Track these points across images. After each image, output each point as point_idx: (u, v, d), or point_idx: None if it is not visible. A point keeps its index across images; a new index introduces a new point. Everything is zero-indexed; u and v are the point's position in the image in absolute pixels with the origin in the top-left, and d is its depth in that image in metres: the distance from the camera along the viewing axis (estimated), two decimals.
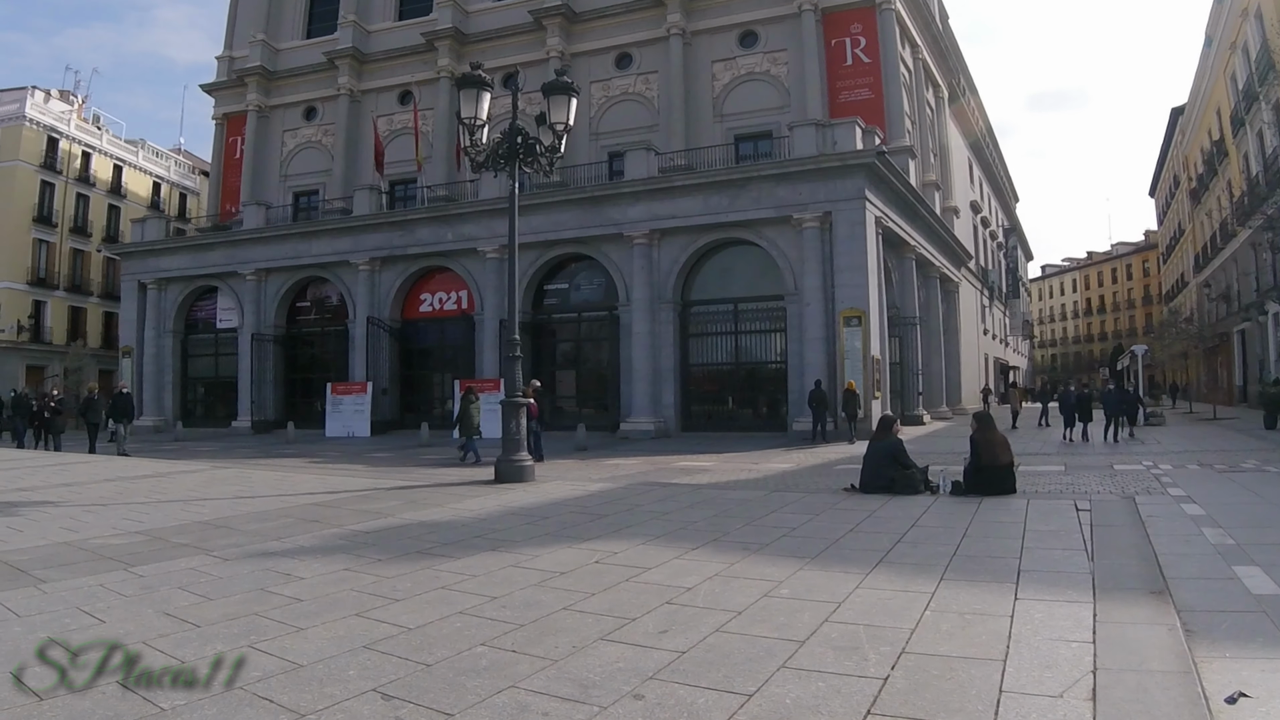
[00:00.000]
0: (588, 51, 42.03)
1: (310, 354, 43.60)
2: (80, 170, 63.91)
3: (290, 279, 42.11)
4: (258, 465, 22.02)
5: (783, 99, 38.54)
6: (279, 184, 48.75)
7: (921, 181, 40.14)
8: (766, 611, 6.17)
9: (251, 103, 49.05)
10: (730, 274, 33.09)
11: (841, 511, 11.11)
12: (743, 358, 33.54)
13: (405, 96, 45.65)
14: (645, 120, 40.59)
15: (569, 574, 7.63)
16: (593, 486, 15.05)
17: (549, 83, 16.57)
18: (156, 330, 44.72)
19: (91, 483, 16.71)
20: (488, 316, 36.07)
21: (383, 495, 13.93)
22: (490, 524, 10.72)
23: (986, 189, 66.34)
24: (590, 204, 34.14)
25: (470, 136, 16.19)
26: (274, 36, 49.80)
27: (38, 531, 10.46)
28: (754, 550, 8.55)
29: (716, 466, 20.48)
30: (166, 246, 45.25)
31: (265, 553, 8.90)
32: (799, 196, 30.49)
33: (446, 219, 37.47)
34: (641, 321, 32.81)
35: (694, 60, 40.08)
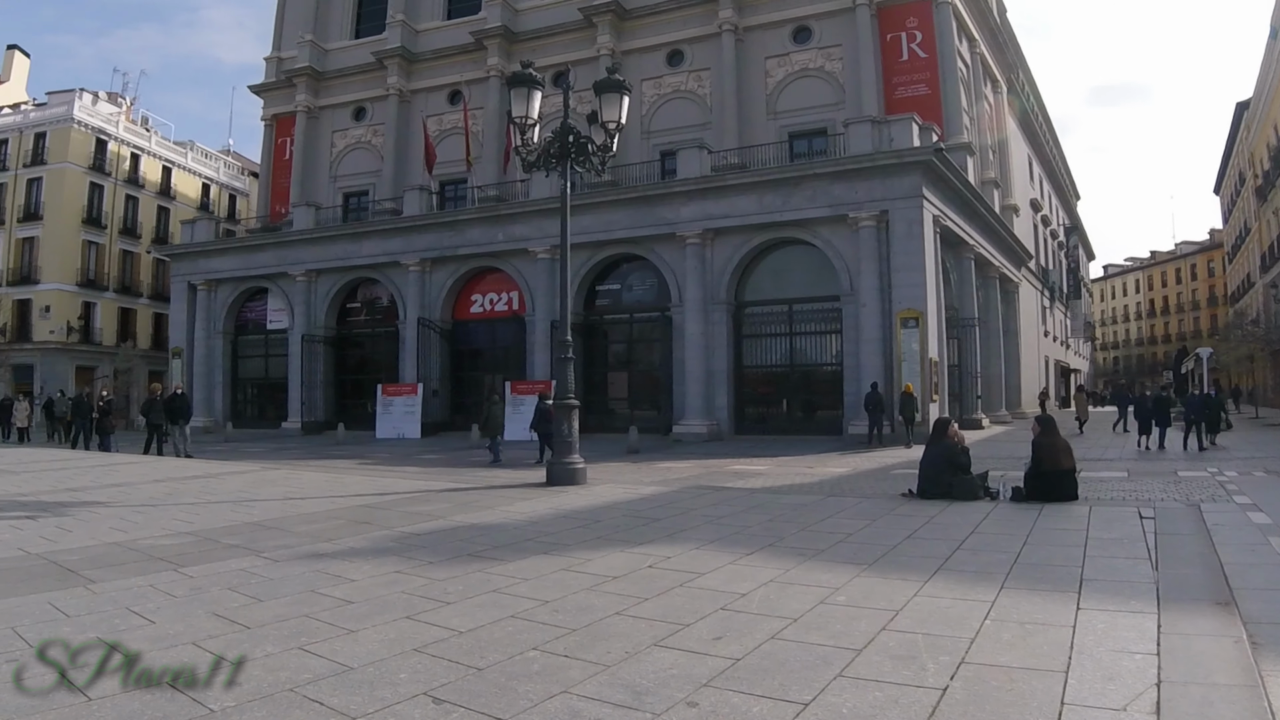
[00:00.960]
0: (639, 49, 42.30)
1: (360, 355, 44.33)
2: (129, 172, 65.22)
3: (340, 280, 42.81)
4: (308, 466, 22.27)
5: (837, 95, 38.52)
6: (329, 185, 49.63)
7: (980, 179, 39.86)
8: (822, 619, 6.14)
9: (300, 104, 49.98)
10: (785, 274, 33.17)
11: (899, 517, 11.04)
12: (797, 360, 33.54)
13: (455, 96, 46.23)
14: (697, 118, 40.79)
15: (622, 578, 7.63)
16: (645, 490, 15.08)
17: (600, 80, 16.60)
18: (206, 331, 45.63)
19: (141, 483, 16.97)
20: (539, 317, 36.43)
21: (433, 497, 14.03)
22: (542, 527, 10.77)
23: (1047, 186, 65.76)
24: (642, 203, 34.38)
25: (521, 136, 16.23)
26: (322, 37, 50.64)
27: (87, 532, 10.59)
28: (809, 556, 8.51)
29: (770, 470, 20.49)
30: (216, 248, 46.20)
31: (315, 554, 8.99)
32: (855, 195, 30.50)
33: (497, 219, 37.86)
34: (694, 322, 33.00)
35: (746, 56, 40.18)
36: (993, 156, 44.90)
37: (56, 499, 14.19)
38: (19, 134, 62.36)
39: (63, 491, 15.44)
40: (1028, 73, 56.37)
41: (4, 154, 62.67)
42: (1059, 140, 73.56)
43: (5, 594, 7.14)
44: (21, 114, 64.49)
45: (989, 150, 44.25)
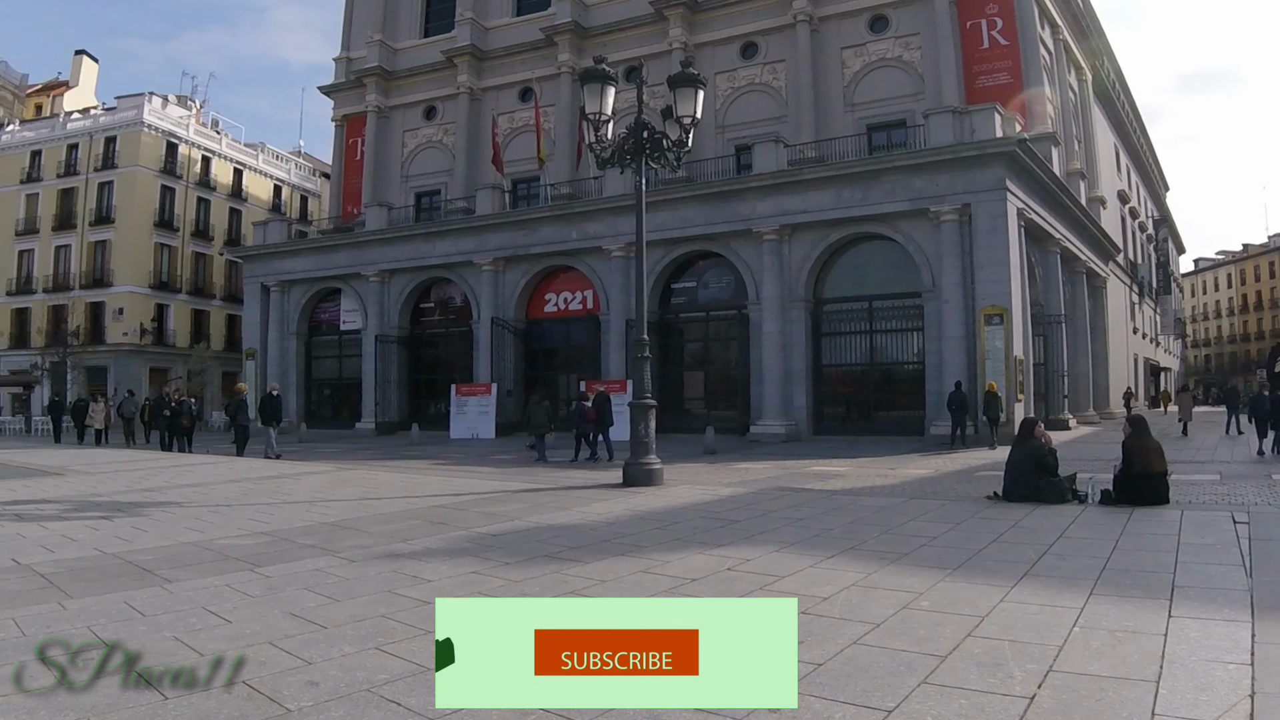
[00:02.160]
0: (711, 42, 42.56)
1: (434, 355, 45.36)
2: (200, 174, 67.22)
3: (414, 280, 43.77)
4: (382, 467, 22.64)
5: (916, 86, 38.43)
6: (400, 184, 50.65)
7: (1065, 170, 39.59)
8: (906, 624, 6.14)
9: (371, 104, 51.05)
10: (864, 270, 33.28)
11: (984, 520, 11.06)
12: (878, 358, 33.64)
13: (526, 93, 46.91)
14: (773, 111, 40.97)
15: (700, 580, 7.67)
16: (723, 491, 15.19)
17: (675, 75, 16.73)
18: (280, 332, 46.86)
19: (215, 483, 17.44)
20: (613, 316, 36.94)
21: (509, 498, 14.22)
22: (619, 528, 10.88)
23: (1134, 177, 64.84)
24: (717, 199, 34.65)
25: (595, 132, 16.45)
26: (391, 36, 51.63)
27: (162, 532, 10.88)
28: (892, 560, 8.54)
29: (851, 472, 20.62)
30: (289, 249, 47.49)
31: (392, 554, 9.14)
32: (936, 188, 30.48)
33: (570, 217, 38.44)
34: (772, 320, 33.19)
35: (822, 48, 40.24)
36: (1078, 147, 44.53)
37: (131, 499, 14.55)
38: (89, 138, 64.56)
39: (137, 492, 15.87)
40: (1113, 60, 55.64)
41: (75, 158, 64.92)
42: (1146, 130, 72.33)
43: (81, 593, 7.32)
44: (91, 119, 66.62)
45: (1074, 140, 43.88)
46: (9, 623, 6.28)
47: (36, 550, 9.47)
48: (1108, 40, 52.96)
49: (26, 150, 66.75)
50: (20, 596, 7.24)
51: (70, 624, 6.29)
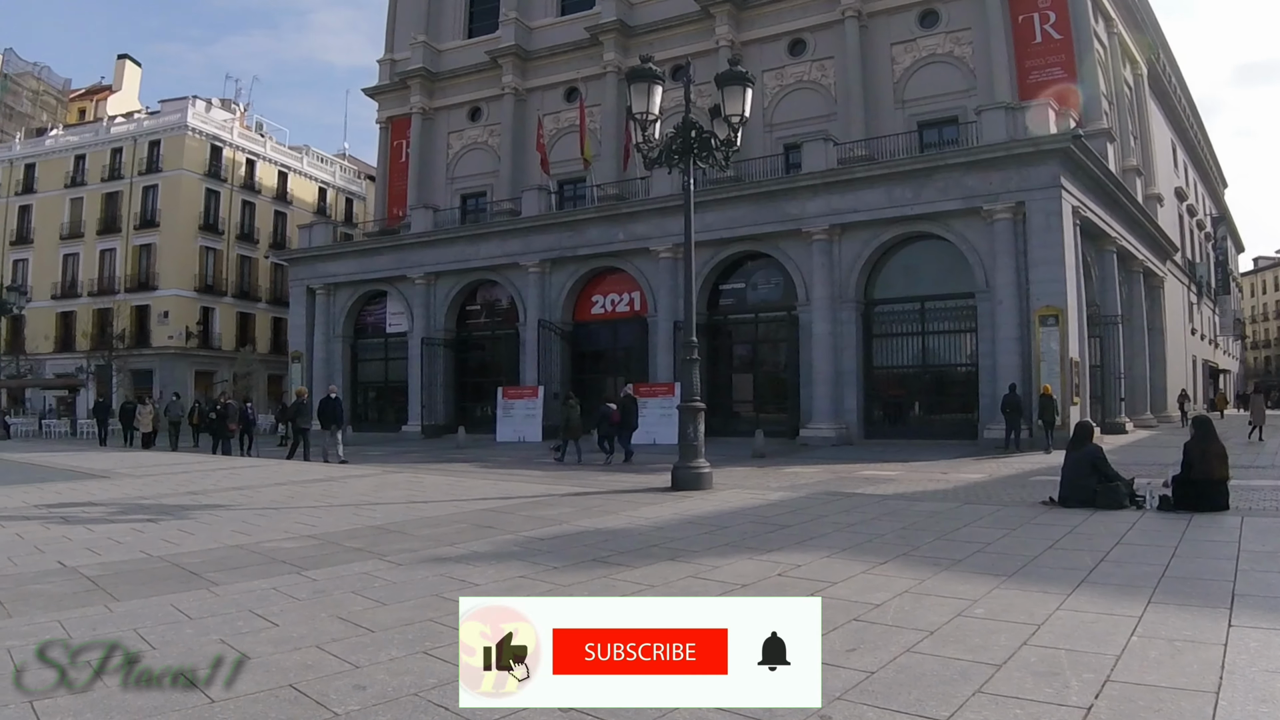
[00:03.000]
0: (758, 39, 42.77)
1: (480, 358, 45.91)
2: (245, 178, 68.55)
3: (460, 282, 44.30)
4: (429, 470, 22.77)
5: (968, 81, 38.37)
6: (446, 186, 51.28)
7: (1121, 167, 39.24)
8: (960, 632, 6.13)
9: (415, 105, 51.65)
10: (916, 270, 33.26)
11: (1039, 526, 11.04)
12: (930, 360, 33.69)
13: (571, 93, 47.27)
14: (822, 109, 41.09)
15: (750, 586, 7.71)
16: (772, 495, 15.23)
17: (723, 73, 16.81)
18: (326, 335, 47.56)
19: (262, 486, 17.72)
20: (661, 318, 37.19)
21: (556, 501, 14.37)
22: (667, 533, 10.94)
23: (1192, 174, 64.06)
24: (766, 199, 34.79)
25: (643, 132, 16.53)
26: (435, 37, 52.23)
27: (209, 534, 11.10)
28: (946, 566, 8.52)
29: (903, 476, 20.70)
30: (334, 252, 48.22)
31: (439, 558, 9.24)
32: (989, 186, 30.40)
33: (617, 218, 38.77)
34: (822, 322, 33.27)
35: (871, 43, 40.27)
36: (1133, 143, 44.13)
37: (177, 502, 14.85)
38: (133, 142, 66.00)
39: (183, 495, 16.15)
40: (1168, 52, 55.19)
41: (119, 162, 66.37)
42: (1203, 124, 71.40)
43: (128, 596, 7.47)
44: (135, 123, 68.01)
45: (1130, 136, 43.52)
46: (55, 625, 6.43)
47: (82, 553, 9.66)
48: (1162, 32, 52.58)
49: (70, 155, 68.37)
50: (66, 599, 7.40)
51: (116, 627, 6.43)
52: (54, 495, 15.90)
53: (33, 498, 15.50)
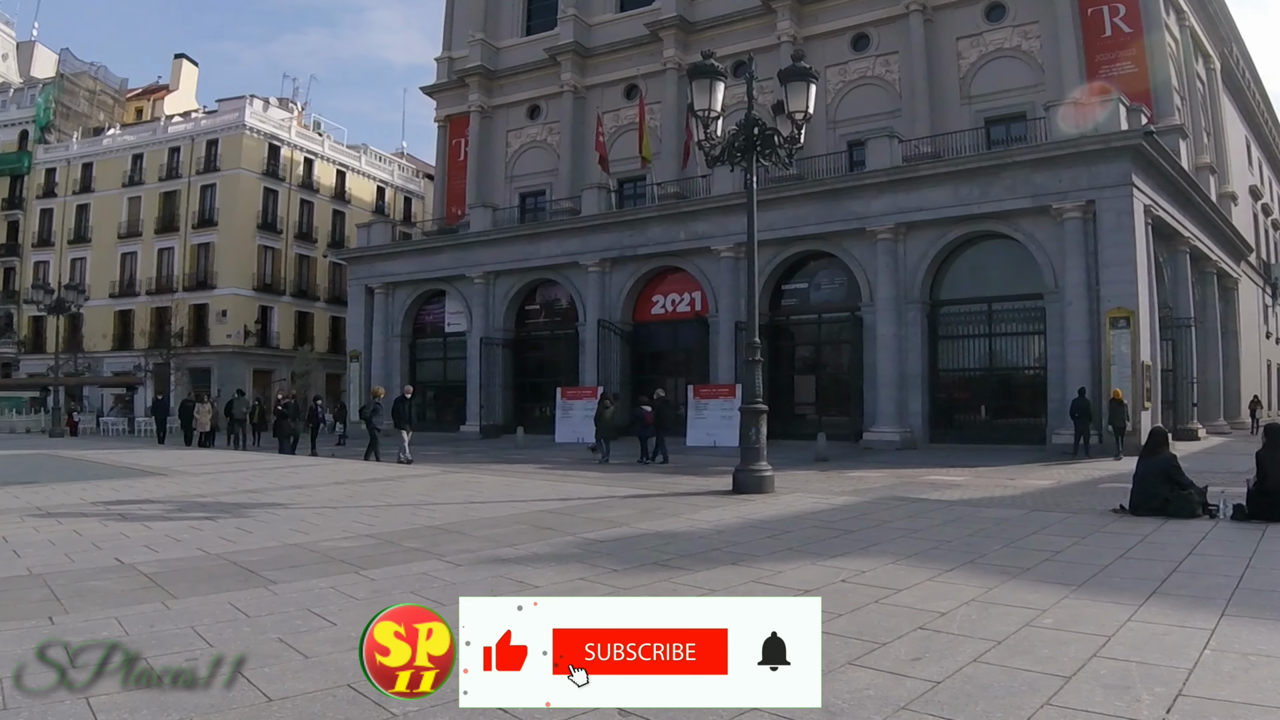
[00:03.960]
0: (821, 34, 42.84)
1: (539, 357, 46.50)
2: (303, 177, 69.75)
3: (519, 281, 44.96)
4: (487, 470, 22.94)
5: (1036, 76, 38.11)
6: (504, 185, 51.85)
7: (1194, 165, 38.79)
8: (1028, 642, 6.09)
9: (473, 103, 52.29)
10: (983, 270, 33.15)
11: (1109, 535, 10.93)
12: (997, 363, 33.62)
13: (631, 91, 47.75)
14: (886, 105, 41.06)
15: (813, 592, 7.50)
16: (836, 500, 15.20)
17: (786, 69, 16.77)
18: (384, 334, 48.48)
19: (320, 485, 17.93)
20: (722, 318, 37.46)
21: (616, 503, 14.37)
22: (729, 536, 10.95)
23: (1267, 172, 62.84)
24: (830, 197, 34.89)
25: (704, 129, 16.52)
26: (493, 35, 52.76)
27: (267, 533, 11.30)
28: (1013, 574, 8.45)
29: (969, 482, 20.67)
30: (393, 251, 49.12)
31: (498, 559, 9.34)
32: (1058, 184, 30.28)
33: (678, 217, 39.08)
34: (886, 323, 33.35)
35: (936, 38, 40.18)
36: (1207, 139, 43.71)
37: (235, 500, 15.07)
38: (190, 141, 67.23)
39: (241, 493, 16.42)
40: (1242, 47, 54.29)
41: (176, 162, 67.67)
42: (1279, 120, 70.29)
43: (186, 594, 7.60)
44: (192, 122, 69.31)
45: (1202, 133, 43.09)
46: (112, 622, 6.56)
47: (140, 550, 9.85)
48: (1235, 26, 51.75)
49: (128, 154, 69.78)
50: (124, 596, 7.55)
51: (174, 624, 6.57)
52: (111, 492, 16.20)
53: (90, 495, 15.79)
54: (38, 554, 9.60)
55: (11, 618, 6.67)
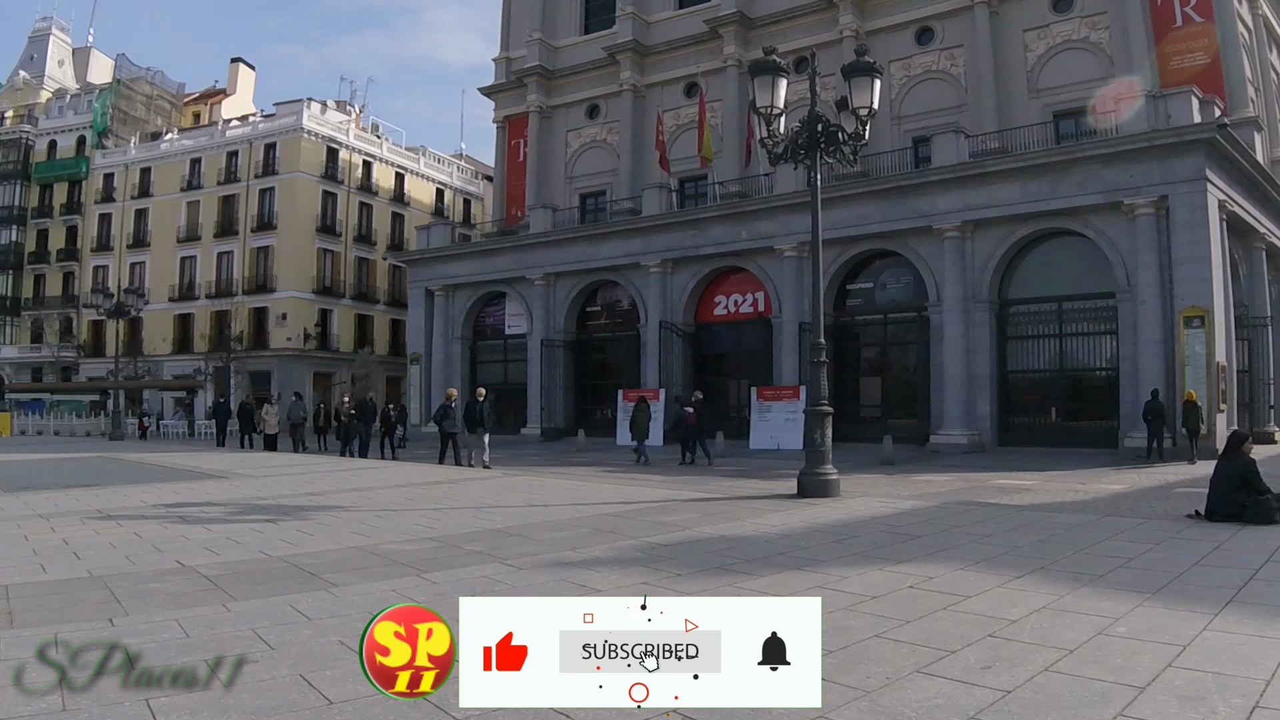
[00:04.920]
0: (884, 28, 42.89)
1: (600, 359, 47.01)
2: (361, 179, 71.06)
3: (579, 283, 45.37)
4: (549, 473, 23.16)
5: (1105, 68, 37.65)
6: (564, 185, 52.37)
7: (1269, 158, 38.17)
8: (1100, 651, 6.05)
9: (532, 104, 52.84)
10: (1053, 269, 32.88)
11: (1184, 541, 10.85)
12: (1068, 364, 33.43)
13: (691, 89, 48.07)
14: (951, 100, 41.00)
15: (880, 599, 7.70)
16: (903, 504, 15.26)
17: (849, 64, 16.84)
18: (445, 337, 49.12)
19: (381, 488, 18.19)
20: (785, 319, 37.55)
21: (679, 507, 14.43)
22: (794, 541, 10.99)
23: None
24: (895, 194, 34.86)
25: (767, 127, 16.55)
26: (550, 34, 53.30)
27: (328, 535, 11.49)
28: (1085, 581, 8.39)
29: (1039, 486, 20.55)
30: (452, 253, 49.72)
31: (560, 563, 9.42)
32: (1130, 179, 30.03)
33: (740, 216, 39.24)
34: (954, 323, 33.32)
35: (1002, 30, 39.99)
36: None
37: (296, 503, 15.28)
38: (249, 145, 68.74)
39: (302, 495, 16.64)
40: None
41: (234, 165, 69.21)
42: None
43: (246, 595, 7.77)
44: (250, 125, 70.75)
45: (1278, 125, 42.35)
46: (173, 624, 6.69)
47: (201, 552, 10.04)
48: None
49: (186, 158, 71.51)
50: (184, 598, 7.71)
51: (234, 626, 6.70)
52: (172, 495, 16.54)
53: (151, 497, 16.11)
54: (98, 556, 9.84)
55: (71, 619, 6.83)
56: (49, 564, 9.38)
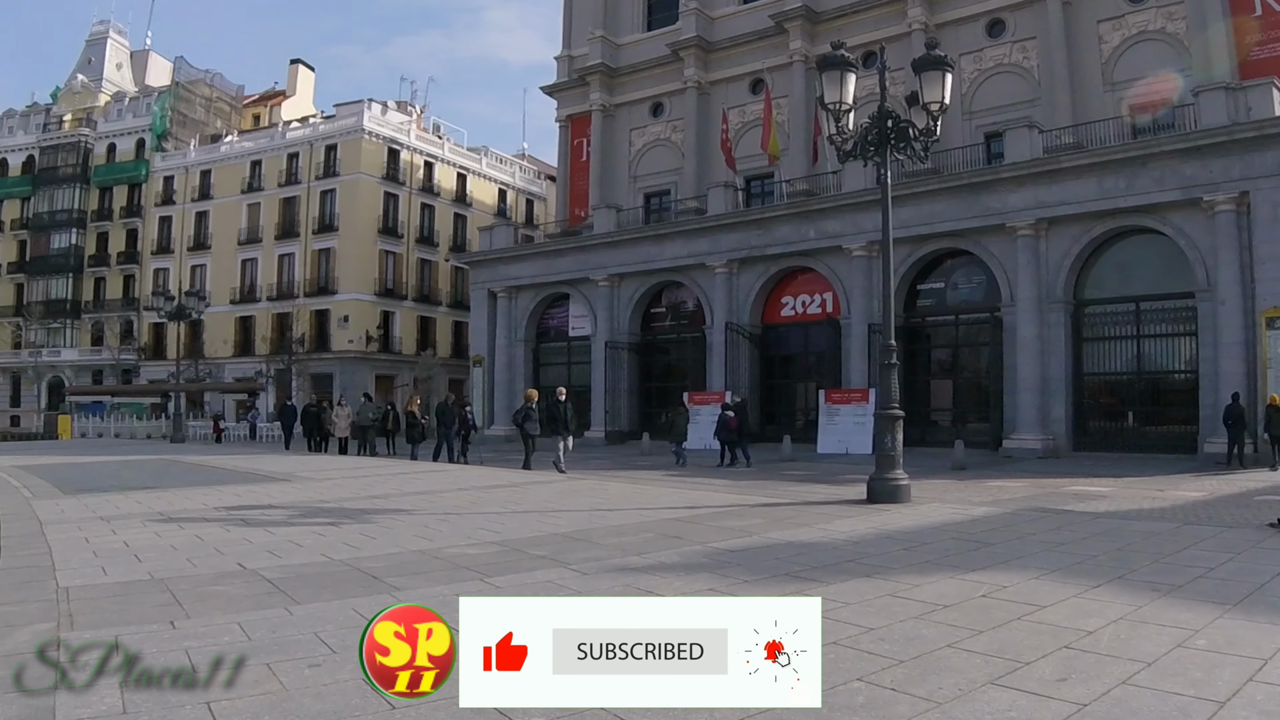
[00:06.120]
0: (954, 20, 42.62)
1: (665, 361, 47.53)
2: (423, 180, 72.29)
3: (644, 284, 45.92)
4: (613, 477, 23.18)
5: (1182, 60, 37.01)
6: (628, 185, 52.67)
7: None
8: (1179, 664, 5.96)
9: (595, 102, 53.11)
10: (1130, 268, 32.85)
11: (1267, 551, 10.53)
12: (1145, 366, 33.35)
13: (756, 85, 48.20)
14: (1024, 94, 40.70)
15: (952, 607, 7.62)
16: (975, 511, 15.08)
17: (920, 58, 16.63)
18: (508, 338, 49.94)
19: (444, 492, 18.15)
20: (854, 320, 37.74)
21: (746, 512, 14.35)
22: (863, 547, 10.89)
23: None
24: (966, 192, 34.95)
25: (836, 123, 16.39)
26: (613, 31, 53.61)
27: (391, 539, 11.48)
28: (1164, 592, 8.22)
29: (1115, 493, 20.49)
30: (515, 254, 50.44)
31: (625, 568, 9.38)
32: (1209, 174, 29.87)
33: (807, 215, 39.49)
34: (1028, 324, 33.34)
35: (1076, 21, 39.52)
36: None
37: (359, 506, 15.32)
38: (309, 147, 69.95)
39: (365, 499, 16.66)
40: None
41: (295, 167, 70.52)
42: None
43: (309, 599, 7.78)
44: (310, 127, 72.05)
45: None
46: (234, 627, 6.77)
47: (263, 555, 10.11)
48: None
49: (246, 161, 73.11)
50: (246, 601, 7.79)
51: (296, 629, 6.74)
52: (233, 498, 16.67)
53: (212, 500, 16.27)
54: (159, 559, 9.96)
55: (132, 622, 6.92)
56: (110, 566, 9.52)
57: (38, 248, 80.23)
